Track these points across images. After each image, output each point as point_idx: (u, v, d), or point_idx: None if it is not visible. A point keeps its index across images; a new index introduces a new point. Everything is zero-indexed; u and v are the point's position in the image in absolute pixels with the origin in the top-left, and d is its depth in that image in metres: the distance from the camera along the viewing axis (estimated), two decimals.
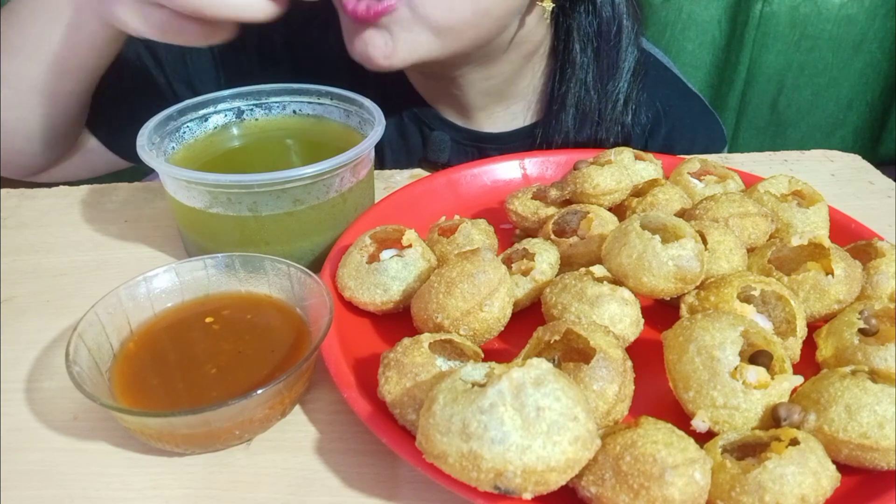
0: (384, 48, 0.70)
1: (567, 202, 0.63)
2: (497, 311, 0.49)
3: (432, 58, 0.72)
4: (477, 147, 0.90)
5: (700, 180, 0.67)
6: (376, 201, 0.68)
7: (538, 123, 0.89)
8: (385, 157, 0.93)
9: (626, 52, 0.82)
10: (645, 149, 0.88)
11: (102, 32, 0.67)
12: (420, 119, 0.91)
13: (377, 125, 0.63)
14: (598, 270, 0.51)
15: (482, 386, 0.36)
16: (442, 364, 0.45)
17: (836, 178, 0.82)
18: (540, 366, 0.37)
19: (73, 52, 0.68)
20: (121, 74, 0.77)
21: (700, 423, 0.42)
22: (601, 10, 0.79)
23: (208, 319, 0.52)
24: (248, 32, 0.67)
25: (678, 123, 0.91)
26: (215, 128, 0.70)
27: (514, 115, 0.90)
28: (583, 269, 0.51)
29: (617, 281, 0.51)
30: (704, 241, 0.53)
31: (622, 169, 0.63)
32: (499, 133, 0.90)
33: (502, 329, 0.50)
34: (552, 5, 0.76)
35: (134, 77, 0.84)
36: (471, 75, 0.82)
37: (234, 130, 0.71)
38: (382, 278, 0.53)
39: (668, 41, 1.61)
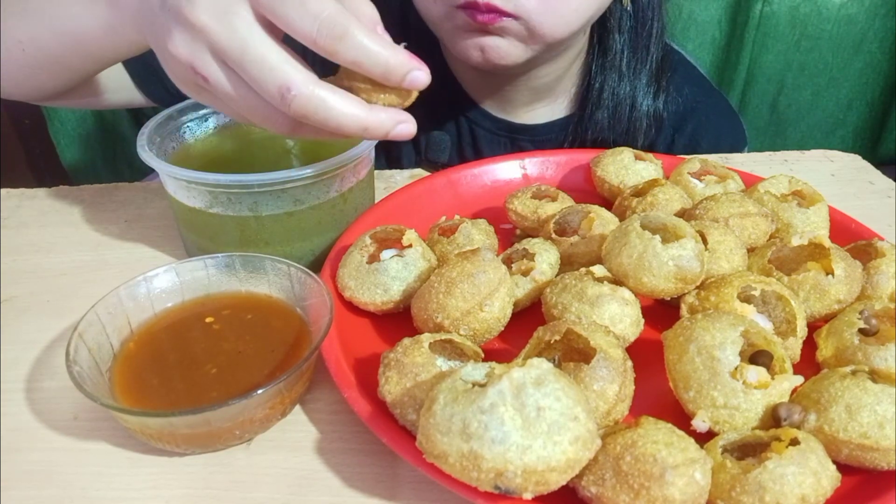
0: (499, 51, 0.73)
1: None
2: (497, 311, 0.49)
3: (544, 59, 0.78)
4: (510, 138, 0.91)
5: (700, 180, 0.67)
6: (376, 201, 0.68)
7: (573, 116, 0.91)
8: (385, 157, 0.93)
9: (657, 38, 0.85)
10: (672, 144, 0.91)
11: (130, 36, 0.58)
12: (455, 101, 0.91)
13: None
14: (598, 270, 0.51)
15: (482, 386, 0.36)
16: (442, 364, 0.45)
17: (836, 178, 0.82)
18: (540, 366, 0.37)
19: (91, 39, 0.60)
20: None
21: (700, 423, 0.42)
22: None
23: (208, 319, 0.52)
24: None
25: (704, 121, 0.92)
26: (215, 128, 0.70)
27: (552, 109, 0.91)
28: (583, 269, 0.51)
29: (617, 281, 0.51)
30: (704, 241, 0.53)
31: None
32: (534, 125, 0.91)
33: (502, 329, 0.50)
34: None
35: None
36: (529, 73, 0.83)
37: (235, 130, 0.71)
38: (382, 278, 0.53)
39: (667, 36, 1.61)
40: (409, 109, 0.57)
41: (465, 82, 0.90)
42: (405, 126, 0.47)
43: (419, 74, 0.45)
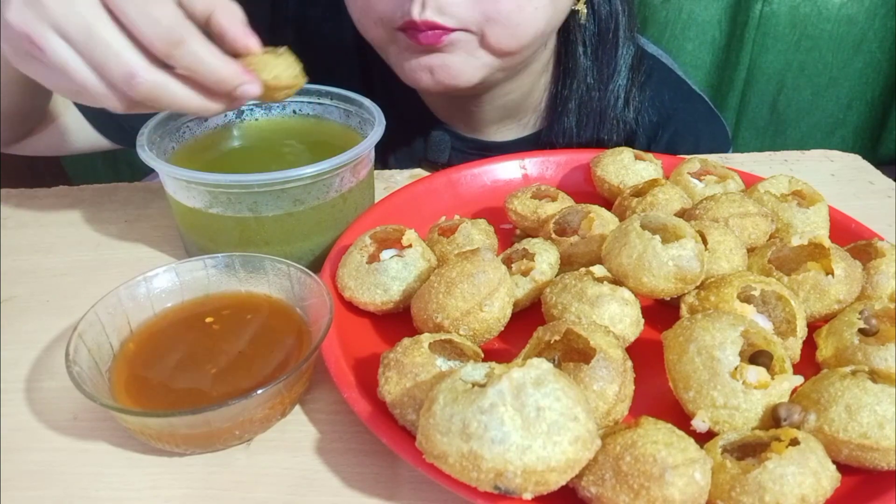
0: (449, 70, 0.70)
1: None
2: (497, 311, 0.49)
3: (491, 78, 0.74)
4: (481, 156, 0.90)
5: (700, 180, 0.67)
6: (376, 201, 0.68)
7: (542, 130, 0.89)
8: (385, 157, 0.93)
9: (623, 48, 0.83)
10: (648, 151, 0.89)
11: None
12: (423, 120, 0.90)
13: (377, 125, 0.63)
14: (598, 270, 0.51)
15: (482, 386, 0.36)
16: (442, 364, 0.45)
17: (836, 178, 0.82)
18: (540, 366, 0.37)
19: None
20: None
21: (700, 423, 0.42)
22: (599, 10, 0.80)
23: (208, 319, 0.52)
24: (257, 27, 0.65)
25: (681, 126, 0.91)
26: (215, 128, 0.70)
27: (523, 125, 0.91)
28: (583, 269, 0.51)
29: (617, 281, 0.51)
30: (704, 241, 0.53)
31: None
32: (504, 142, 0.90)
33: (502, 329, 0.50)
34: (584, 6, 0.78)
35: None
36: (494, 91, 0.82)
37: (234, 130, 0.71)
38: (382, 278, 0.53)
39: (668, 41, 1.61)
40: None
41: (431, 104, 0.89)
42: (235, 103, 0.51)
43: (249, 87, 0.50)
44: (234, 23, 0.50)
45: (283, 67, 0.53)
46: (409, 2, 0.65)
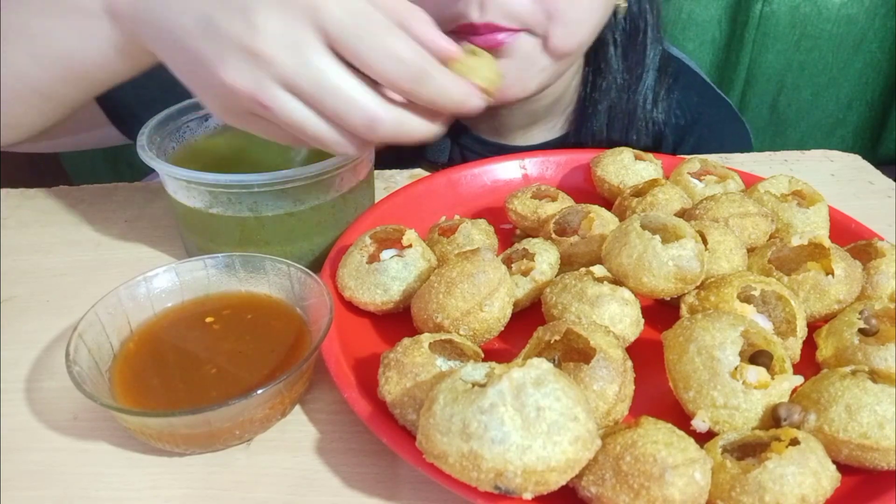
0: (515, 79, 0.68)
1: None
2: (497, 311, 0.49)
3: (552, 82, 0.73)
4: None
5: (700, 180, 0.67)
6: (376, 201, 0.68)
7: (568, 134, 0.89)
8: (385, 157, 0.92)
9: (651, 48, 0.83)
10: (675, 154, 0.89)
11: (138, 56, 0.54)
12: (446, 135, 0.89)
13: None
14: (598, 270, 0.51)
15: (482, 386, 0.36)
16: (442, 364, 0.45)
17: (836, 178, 0.82)
18: (540, 366, 0.37)
19: (87, 64, 0.57)
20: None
21: (700, 423, 0.42)
22: (630, 9, 0.80)
23: (208, 319, 0.52)
24: None
25: (707, 131, 0.91)
26: (215, 128, 0.70)
27: (549, 129, 0.90)
28: (583, 269, 0.51)
29: (617, 281, 0.51)
30: (704, 241, 0.53)
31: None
32: (529, 146, 0.90)
33: (502, 329, 0.50)
34: (625, 3, 0.78)
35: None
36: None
37: (235, 130, 0.71)
38: (382, 278, 0.53)
39: (668, 41, 1.61)
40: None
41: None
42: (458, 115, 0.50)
43: (478, 101, 0.49)
44: (432, 31, 0.46)
45: (486, 67, 0.50)
46: (464, 3, 0.62)
